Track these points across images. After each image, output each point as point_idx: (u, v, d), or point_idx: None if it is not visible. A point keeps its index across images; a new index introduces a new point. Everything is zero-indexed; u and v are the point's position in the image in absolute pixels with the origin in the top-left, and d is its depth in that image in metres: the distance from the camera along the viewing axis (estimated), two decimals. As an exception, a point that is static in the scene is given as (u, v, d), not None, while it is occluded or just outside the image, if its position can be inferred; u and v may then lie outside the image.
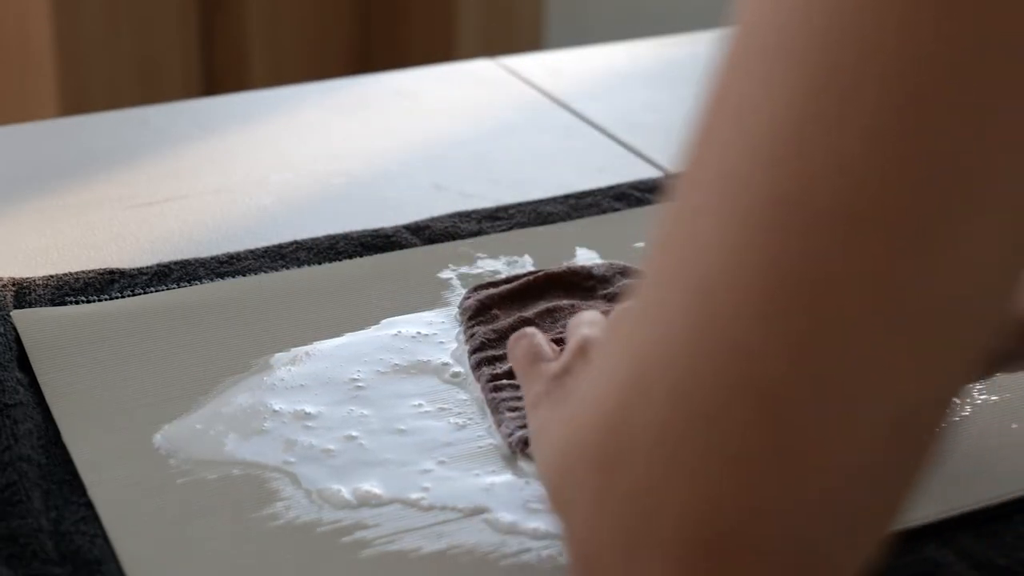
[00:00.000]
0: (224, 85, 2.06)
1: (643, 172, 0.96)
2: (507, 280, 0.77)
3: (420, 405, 0.68)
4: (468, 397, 0.69)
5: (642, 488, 0.39)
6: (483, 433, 0.66)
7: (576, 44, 1.26)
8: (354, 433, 0.65)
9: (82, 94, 1.91)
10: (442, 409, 0.67)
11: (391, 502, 0.61)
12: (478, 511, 0.60)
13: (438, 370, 0.71)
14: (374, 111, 1.07)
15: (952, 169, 0.36)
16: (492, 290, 0.75)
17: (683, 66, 1.19)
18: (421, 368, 0.71)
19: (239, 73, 2.08)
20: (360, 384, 0.69)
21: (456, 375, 0.70)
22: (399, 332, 0.74)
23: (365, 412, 0.67)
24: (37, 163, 0.95)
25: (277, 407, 0.67)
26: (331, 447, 0.64)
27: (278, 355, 0.71)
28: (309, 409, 0.67)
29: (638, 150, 1.00)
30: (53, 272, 0.78)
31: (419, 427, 0.66)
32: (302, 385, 0.69)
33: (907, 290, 0.37)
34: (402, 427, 0.66)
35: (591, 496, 0.41)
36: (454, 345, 0.73)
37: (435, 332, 0.74)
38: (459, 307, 0.75)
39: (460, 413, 0.67)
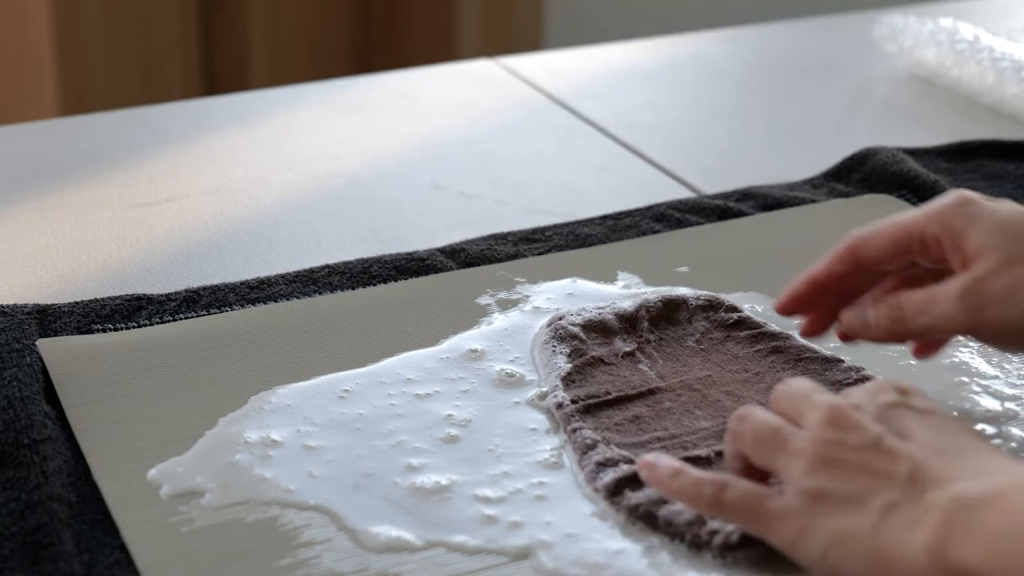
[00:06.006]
0: (224, 85, 2.06)
1: (642, 172, 0.96)
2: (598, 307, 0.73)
3: (456, 437, 0.64)
4: (545, 425, 0.65)
5: None
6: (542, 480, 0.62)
7: (576, 44, 1.26)
8: (412, 475, 0.62)
9: (82, 94, 1.92)
10: (483, 438, 0.64)
11: (434, 546, 0.58)
12: (522, 555, 0.57)
13: (498, 388, 0.68)
14: (374, 111, 1.07)
15: None
16: (577, 318, 0.72)
17: (683, 66, 1.19)
18: (468, 395, 0.67)
19: (239, 73, 2.08)
20: (398, 410, 0.66)
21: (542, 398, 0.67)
22: (444, 356, 0.70)
23: (422, 459, 0.63)
24: (37, 163, 0.95)
25: (319, 444, 0.64)
26: (378, 488, 0.61)
27: (318, 380, 0.68)
28: (360, 450, 0.63)
29: (637, 150, 1.00)
30: (54, 271, 0.78)
31: (458, 459, 0.63)
32: (346, 414, 0.66)
33: None
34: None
35: None
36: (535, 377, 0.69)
37: (488, 346, 0.71)
38: (542, 336, 0.71)
39: (501, 442, 0.64)
